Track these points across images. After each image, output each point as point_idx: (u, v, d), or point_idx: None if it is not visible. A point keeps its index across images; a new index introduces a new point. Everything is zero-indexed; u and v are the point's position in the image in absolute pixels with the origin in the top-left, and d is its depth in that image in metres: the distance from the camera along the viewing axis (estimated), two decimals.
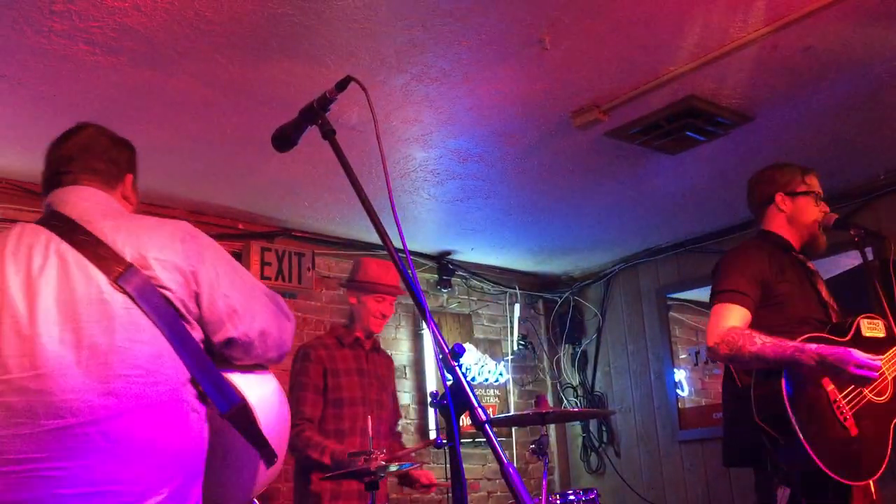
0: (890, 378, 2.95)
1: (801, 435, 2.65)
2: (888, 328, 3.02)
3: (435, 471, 5.74)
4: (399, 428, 4.39)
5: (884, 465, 2.80)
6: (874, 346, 2.94)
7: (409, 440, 5.76)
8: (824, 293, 3.12)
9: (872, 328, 2.98)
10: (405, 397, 5.96)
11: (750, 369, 2.88)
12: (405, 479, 4.03)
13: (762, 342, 2.79)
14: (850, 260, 4.76)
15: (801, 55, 3.65)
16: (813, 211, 3.16)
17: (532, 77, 3.73)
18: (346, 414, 3.85)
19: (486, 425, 1.42)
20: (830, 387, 2.81)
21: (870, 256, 3.00)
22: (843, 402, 2.81)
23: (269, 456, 1.93)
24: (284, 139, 1.92)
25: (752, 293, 2.98)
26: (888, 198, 5.13)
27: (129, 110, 3.80)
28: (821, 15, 3.30)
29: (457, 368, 1.48)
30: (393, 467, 3.43)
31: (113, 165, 2.09)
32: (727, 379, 3.05)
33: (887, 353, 2.94)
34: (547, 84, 3.80)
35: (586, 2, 3.18)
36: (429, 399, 5.62)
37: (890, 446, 2.85)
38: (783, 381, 2.72)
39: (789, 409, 2.67)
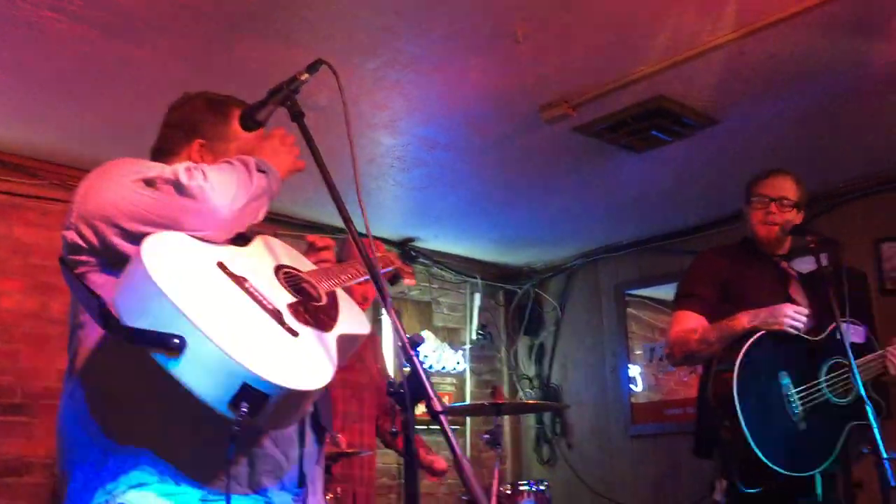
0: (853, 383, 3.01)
1: (741, 418, 2.77)
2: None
3: (387, 457, 5.75)
4: None
5: (826, 463, 2.87)
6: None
7: None
8: (793, 292, 3.19)
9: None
10: None
11: (709, 357, 3.02)
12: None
13: (702, 328, 3.07)
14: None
15: (767, 62, 3.70)
16: (753, 216, 3.25)
17: (503, 69, 3.74)
18: None
19: (441, 415, 1.43)
20: (786, 380, 2.90)
21: (824, 262, 3.07)
22: (797, 396, 2.89)
23: None
24: (252, 119, 1.90)
25: (709, 294, 3.17)
26: (846, 206, 5.24)
27: (97, 82, 3.74)
28: (787, 23, 3.35)
29: (415, 357, 1.48)
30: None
31: None
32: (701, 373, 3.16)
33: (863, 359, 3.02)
34: (517, 77, 3.81)
35: None
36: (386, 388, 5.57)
37: (839, 447, 2.90)
38: (736, 367, 2.84)
39: (735, 394, 2.80)
